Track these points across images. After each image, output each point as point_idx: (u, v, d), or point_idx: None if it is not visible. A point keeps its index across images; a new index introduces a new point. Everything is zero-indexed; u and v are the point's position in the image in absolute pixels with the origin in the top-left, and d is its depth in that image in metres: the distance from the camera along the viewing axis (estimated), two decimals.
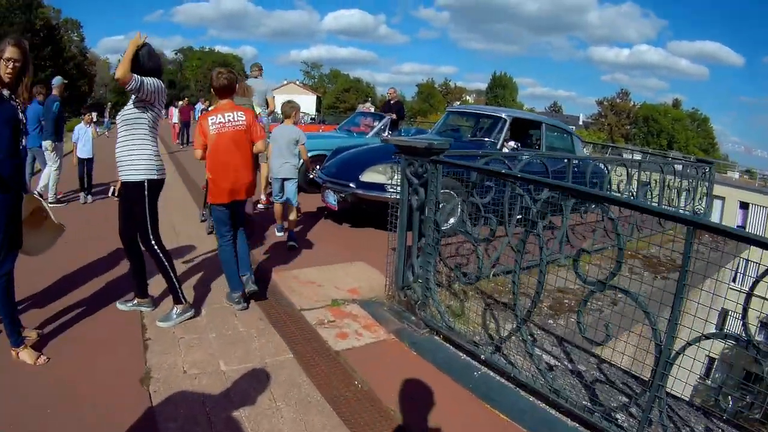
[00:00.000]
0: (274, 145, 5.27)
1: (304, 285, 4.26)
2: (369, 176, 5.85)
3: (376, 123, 9.56)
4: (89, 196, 7.53)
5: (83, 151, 7.54)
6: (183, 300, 3.43)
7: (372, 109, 12.41)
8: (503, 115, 6.96)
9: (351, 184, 5.87)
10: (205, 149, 3.55)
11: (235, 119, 3.53)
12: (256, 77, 7.11)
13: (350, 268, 4.79)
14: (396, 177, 5.89)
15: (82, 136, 7.58)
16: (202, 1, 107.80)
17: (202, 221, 5.92)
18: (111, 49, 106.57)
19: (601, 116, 57.27)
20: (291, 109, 5.37)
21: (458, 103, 66.35)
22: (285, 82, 63.37)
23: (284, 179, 5.29)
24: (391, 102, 10.80)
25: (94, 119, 31.30)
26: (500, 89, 62.30)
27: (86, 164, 7.49)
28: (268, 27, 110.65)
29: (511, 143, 6.76)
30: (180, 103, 19.11)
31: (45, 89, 7.12)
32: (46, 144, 7.06)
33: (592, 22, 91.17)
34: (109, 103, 36.89)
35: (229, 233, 3.67)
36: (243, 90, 4.66)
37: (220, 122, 3.49)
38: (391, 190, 5.57)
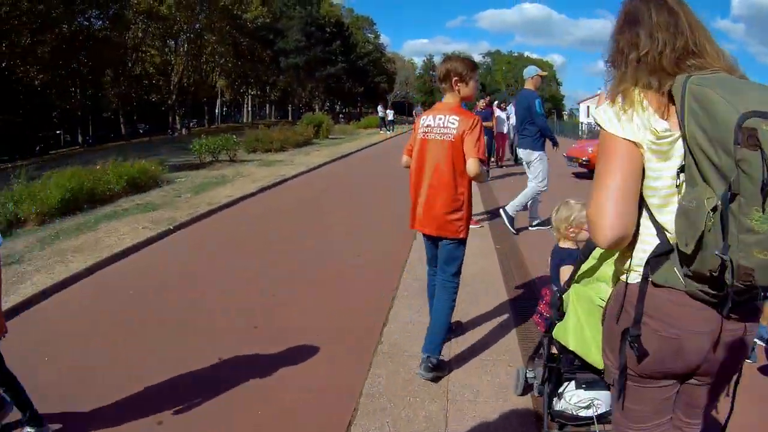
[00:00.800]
0: None
1: None
2: None
3: None
4: None
5: None
6: None
7: None
8: None
9: None
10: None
11: (444, 125, 2.63)
12: None
13: None
14: None
15: None
16: (504, 8, 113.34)
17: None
18: (415, 51, 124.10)
19: None
20: None
21: None
22: (599, 92, 58.91)
23: None
24: None
25: (390, 117, 29.05)
26: None
27: None
28: (573, 35, 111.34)
29: None
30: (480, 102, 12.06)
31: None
32: (530, 154, 5.58)
33: None
34: (419, 105, 37.14)
35: (430, 264, 2.97)
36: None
37: (428, 125, 2.69)
38: None
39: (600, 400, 2.08)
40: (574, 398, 2.10)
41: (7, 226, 6.15)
